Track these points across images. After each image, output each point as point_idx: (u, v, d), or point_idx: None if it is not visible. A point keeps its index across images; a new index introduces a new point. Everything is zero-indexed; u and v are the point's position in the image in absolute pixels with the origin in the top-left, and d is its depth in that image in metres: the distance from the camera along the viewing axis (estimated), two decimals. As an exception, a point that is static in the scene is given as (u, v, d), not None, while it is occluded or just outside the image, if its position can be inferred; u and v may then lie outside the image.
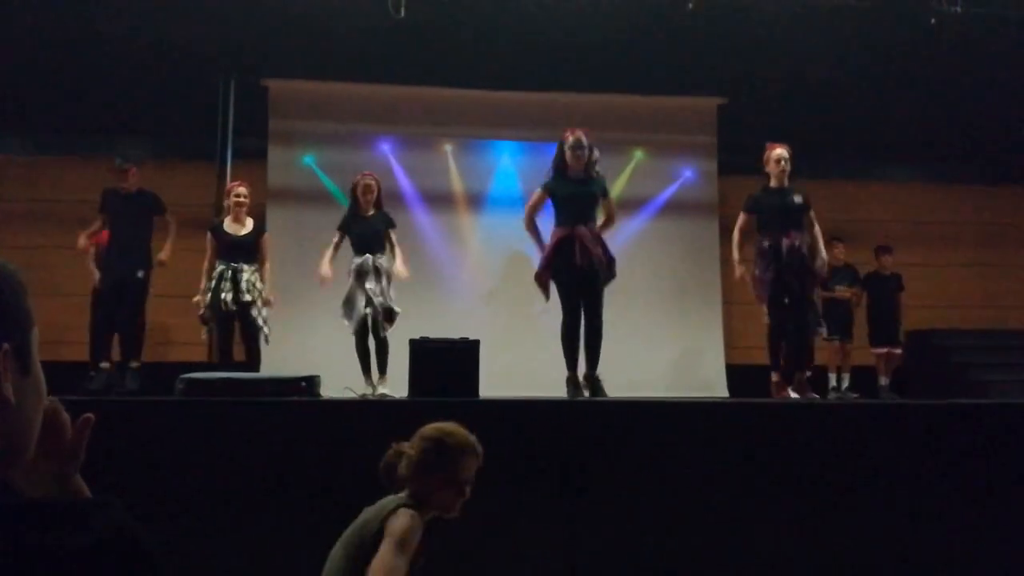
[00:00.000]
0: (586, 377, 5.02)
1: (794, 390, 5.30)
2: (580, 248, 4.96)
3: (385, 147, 8.00)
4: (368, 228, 5.57)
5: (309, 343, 6.73)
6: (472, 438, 2.29)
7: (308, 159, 7.88)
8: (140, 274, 5.87)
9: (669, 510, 3.96)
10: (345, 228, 5.67)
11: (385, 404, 4.74)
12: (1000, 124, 8.24)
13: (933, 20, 6.72)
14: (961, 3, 6.64)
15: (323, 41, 7.26)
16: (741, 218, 5.51)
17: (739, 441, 4.16)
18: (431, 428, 2.33)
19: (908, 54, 7.39)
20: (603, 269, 5.05)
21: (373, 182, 5.71)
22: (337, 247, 5.68)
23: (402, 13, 6.44)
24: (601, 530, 3.88)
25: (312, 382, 4.44)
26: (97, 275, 6.29)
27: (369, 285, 5.42)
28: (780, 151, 5.46)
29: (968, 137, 8.42)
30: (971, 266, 8.76)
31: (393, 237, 5.65)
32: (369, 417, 4.17)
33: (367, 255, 5.51)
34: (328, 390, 4.76)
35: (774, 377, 5.42)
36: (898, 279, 7.51)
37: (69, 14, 6.65)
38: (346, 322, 5.54)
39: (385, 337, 5.51)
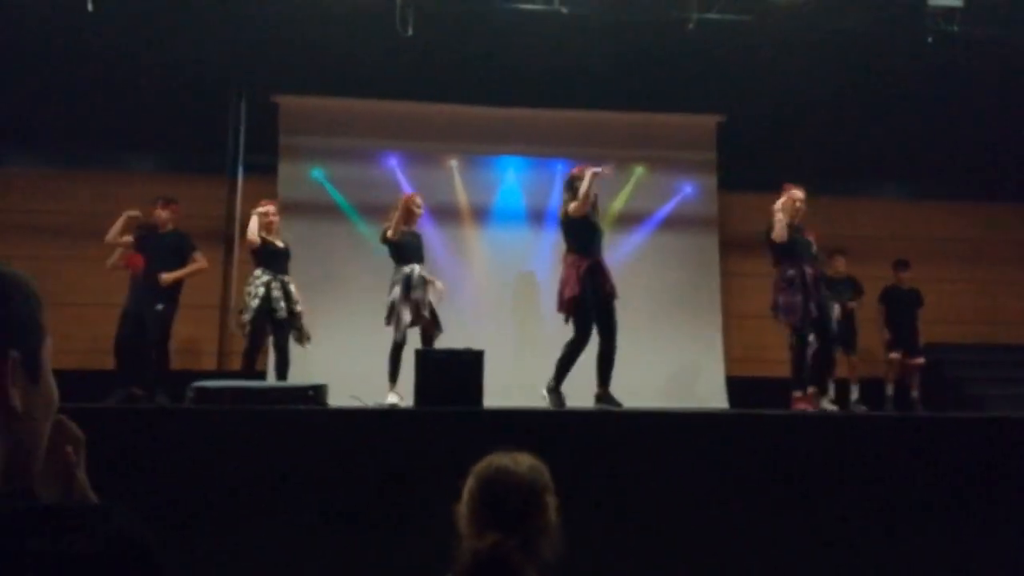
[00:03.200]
0: (599, 395, 5.25)
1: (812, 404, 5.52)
2: (605, 278, 5.31)
3: (392, 162, 8.13)
4: (415, 240, 5.82)
5: (319, 353, 6.84)
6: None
7: (317, 173, 8.02)
8: (159, 307, 6.01)
9: (669, 520, 4.03)
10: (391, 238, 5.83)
11: (391, 413, 4.85)
12: (995, 142, 8.36)
13: (930, 39, 6.85)
14: (958, 23, 6.76)
15: (332, 58, 7.42)
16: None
17: (738, 452, 4.24)
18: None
19: (905, 72, 7.52)
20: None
21: (420, 203, 5.97)
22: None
23: (410, 31, 6.60)
24: (601, 540, 3.95)
25: (320, 391, 4.55)
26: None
27: (417, 295, 5.61)
28: (799, 192, 5.78)
29: (963, 154, 8.52)
30: (965, 282, 8.84)
31: None
32: (375, 426, 4.27)
33: (413, 265, 5.71)
34: (338, 399, 4.86)
35: (796, 394, 5.59)
36: (917, 294, 7.60)
37: (82, 30, 6.80)
38: (393, 329, 5.66)
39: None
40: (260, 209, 5.94)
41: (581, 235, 5.36)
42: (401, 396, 5.57)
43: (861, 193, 8.80)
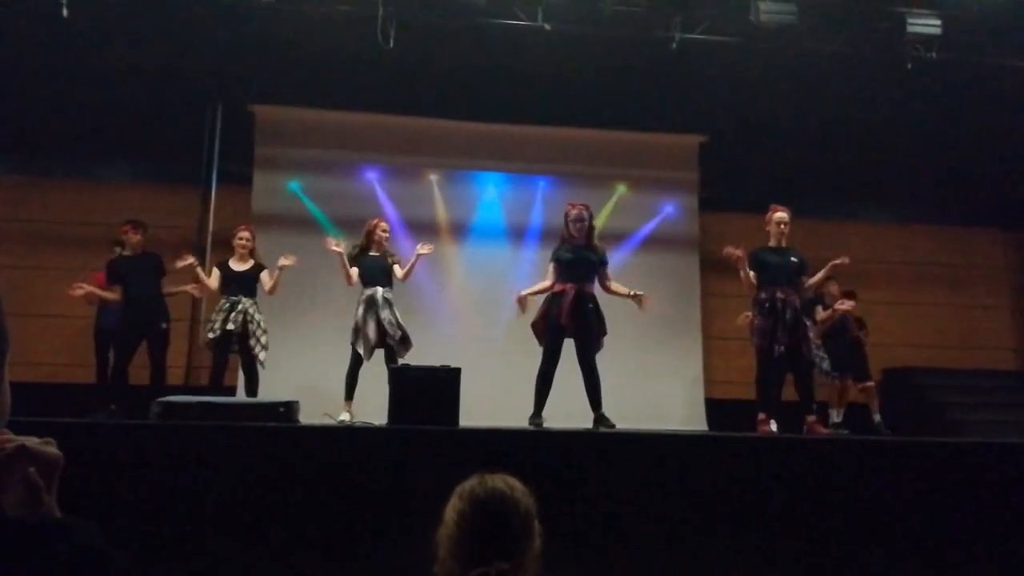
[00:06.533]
0: (594, 419, 5.27)
1: (806, 434, 5.48)
2: (570, 307, 5.29)
3: (371, 175, 8.03)
4: (376, 264, 5.94)
5: (292, 369, 6.70)
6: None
7: (293, 185, 7.89)
8: (164, 325, 6.15)
9: (645, 542, 3.95)
10: (354, 261, 6.00)
11: (363, 431, 4.72)
12: (973, 167, 8.43)
13: (910, 65, 6.90)
14: (937, 50, 6.82)
15: (310, 68, 7.33)
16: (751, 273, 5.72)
17: (717, 474, 4.18)
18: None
19: (885, 97, 7.57)
20: (594, 326, 5.38)
21: (387, 227, 6.18)
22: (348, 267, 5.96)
23: (391, 43, 6.52)
24: (577, 563, 3.86)
25: (290, 408, 4.42)
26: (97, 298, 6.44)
27: (383, 315, 5.75)
28: (781, 214, 5.74)
29: (942, 179, 8.60)
30: (946, 306, 8.88)
31: (398, 271, 6.05)
32: (347, 444, 4.15)
33: (376, 287, 5.83)
34: (310, 416, 4.73)
35: (760, 416, 5.63)
36: (861, 322, 7.64)
37: (57, 39, 6.67)
38: (358, 349, 5.77)
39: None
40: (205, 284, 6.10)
41: (557, 268, 5.56)
42: (352, 414, 5.61)
43: (840, 216, 8.83)
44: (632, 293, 5.61)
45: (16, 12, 6.55)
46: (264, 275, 6.09)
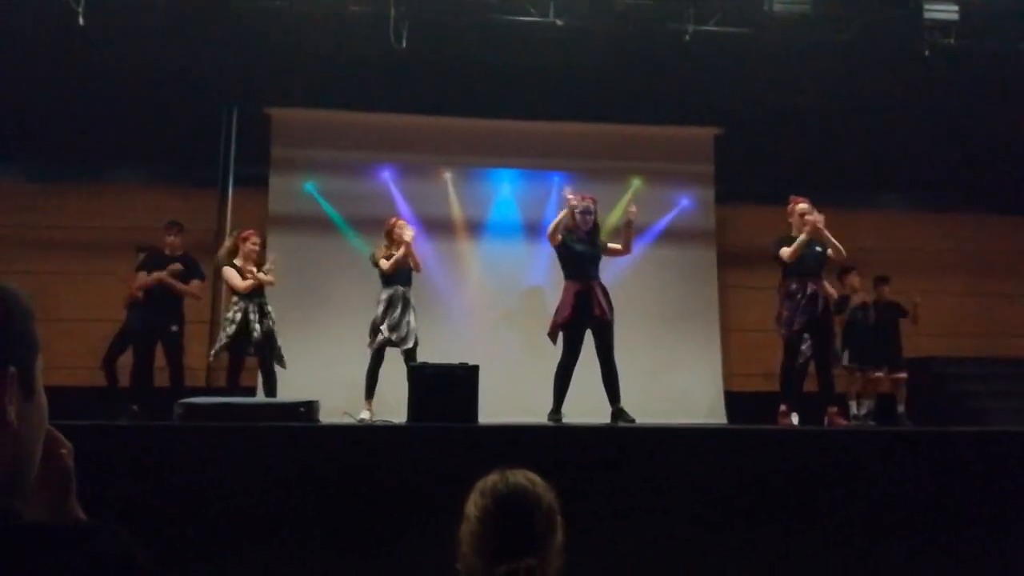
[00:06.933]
0: (613, 413, 5.30)
1: (827, 426, 5.47)
2: (596, 302, 5.37)
3: (386, 174, 8.06)
4: (401, 262, 5.94)
5: (310, 368, 6.74)
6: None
7: (309, 186, 7.93)
8: (174, 328, 6.27)
9: (666, 537, 3.95)
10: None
11: (383, 429, 4.75)
12: (992, 153, 8.33)
13: (927, 52, 6.82)
14: (954, 35, 6.74)
15: (325, 70, 7.36)
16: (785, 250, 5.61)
17: (737, 467, 4.17)
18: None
19: (902, 85, 7.49)
20: (611, 319, 5.44)
21: (407, 224, 6.20)
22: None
23: (403, 43, 6.54)
24: (598, 558, 3.86)
25: (311, 407, 4.45)
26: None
27: (395, 314, 5.80)
28: (804, 205, 5.71)
29: (962, 166, 8.50)
30: (965, 295, 8.79)
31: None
32: (367, 443, 4.18)
33: (396, 286, 5.88)
34: (330, 415, 4.76)
35: (781, 408, 5.65)
36: (898, 307, 7.53)
37: (72, 42, 6.73)
38: (368, 343, 5.84)
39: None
40: (236, 262, 5.99)
41: (566, 261, 5.58)
42: (373, 412, 5.65)
43: (859, 205, 8.74)
44: (627, 217, 5.72)
45: (32, 19, 6.62)
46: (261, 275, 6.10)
